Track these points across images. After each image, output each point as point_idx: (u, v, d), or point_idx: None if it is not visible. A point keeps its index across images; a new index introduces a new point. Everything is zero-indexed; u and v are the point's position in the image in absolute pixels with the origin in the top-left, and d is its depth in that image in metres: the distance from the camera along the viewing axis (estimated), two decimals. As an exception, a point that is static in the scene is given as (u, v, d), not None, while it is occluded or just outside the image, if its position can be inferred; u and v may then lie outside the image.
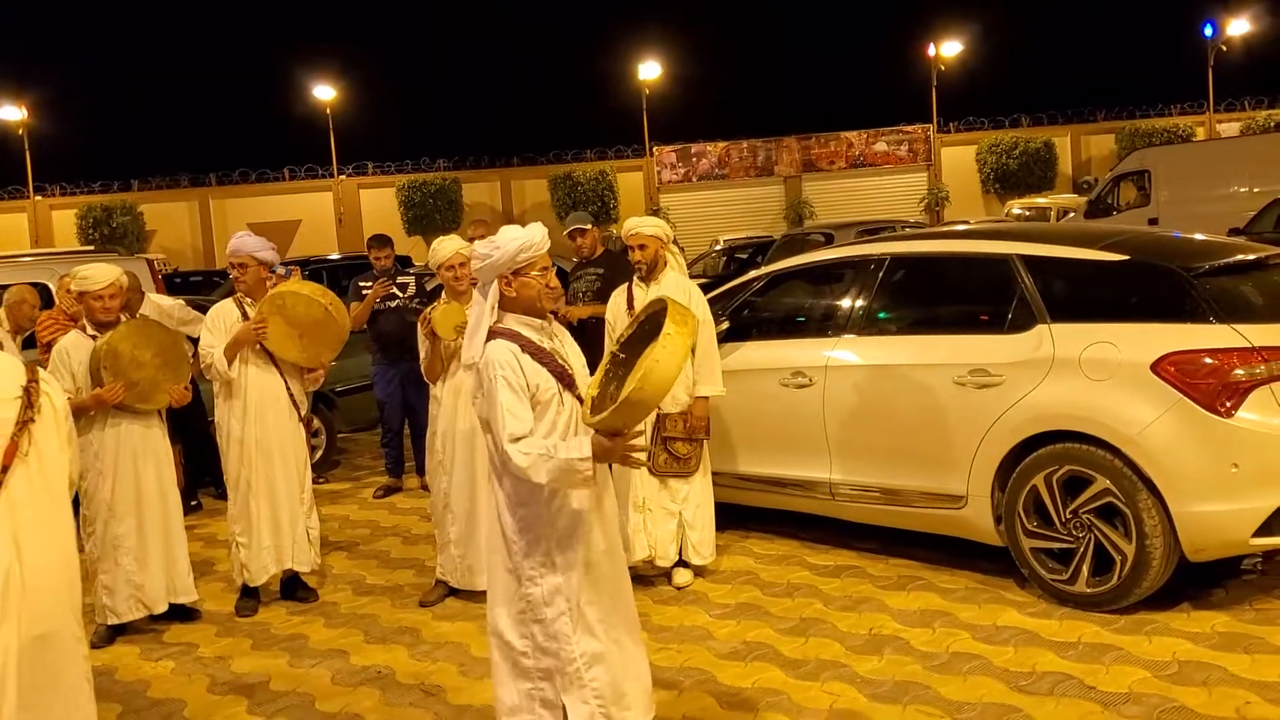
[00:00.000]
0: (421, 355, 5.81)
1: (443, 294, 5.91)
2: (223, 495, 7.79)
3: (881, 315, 6.09)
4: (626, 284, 6.01)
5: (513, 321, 3.54)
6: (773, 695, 4.36)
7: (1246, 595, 4.97)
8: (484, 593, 5.65)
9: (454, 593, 5.80)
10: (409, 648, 5.18)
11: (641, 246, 5.87)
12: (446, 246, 5.85)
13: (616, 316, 5.94)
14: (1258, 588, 5.06)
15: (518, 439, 3.32)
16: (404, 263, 10.90)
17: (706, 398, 5.79)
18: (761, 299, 6.80)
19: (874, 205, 37.88)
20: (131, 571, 5.50)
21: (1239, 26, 39.80)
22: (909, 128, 40.73)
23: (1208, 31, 39.61)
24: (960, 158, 40.32)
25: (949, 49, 40.98)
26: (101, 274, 5.50)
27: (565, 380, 3.53)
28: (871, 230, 16.86)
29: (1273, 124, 36.24)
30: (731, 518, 6.32)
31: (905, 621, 5.02)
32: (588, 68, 47.19)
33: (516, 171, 41.21)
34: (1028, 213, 27.29)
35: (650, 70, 40.53)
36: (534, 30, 54.79)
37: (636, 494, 5.74)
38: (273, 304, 5.65)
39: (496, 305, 3.53)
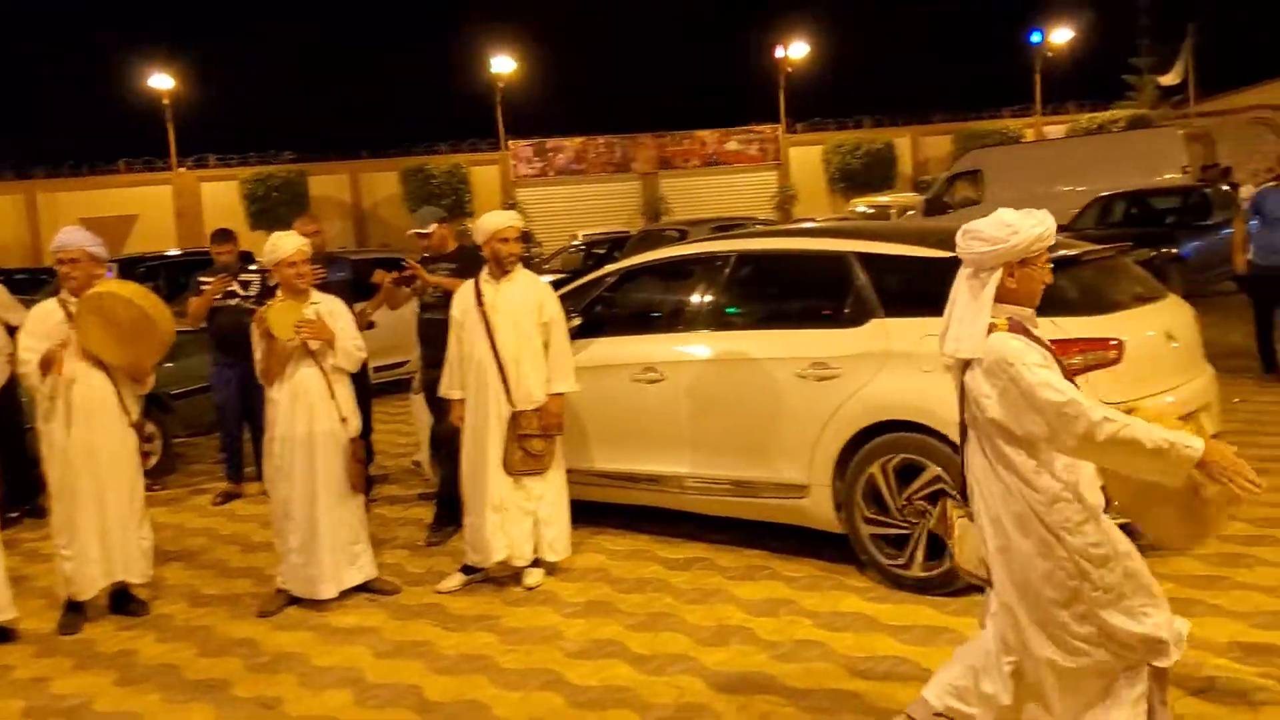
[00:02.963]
0: (256, 356, 5.62)
1: (279, 291, 5.72)
2: (36, 512, 7.42)
3: (729, 310, 6.18)
4: (474, 280, 5.93)
5: (1006, 314, 3.21)
6: (620, 692, 4.38)
7: (1068, 575, 5.22)
8: (326, 601, 5.58)
9: (295, 602, 5.63)
10: (246, 660, 5.01)
11: (516, 240, 5.82)
12: (288, 242, 5.66)
13: (464, 313, 5.85)
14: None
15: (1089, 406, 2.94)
16: (248, 259, 10.57)
17: (561, 394, 5.78)
18: (613, 295, 6.82)
19: (728, 202, 38.52)
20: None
21: (1063, 34, 41.90)
22: (759, 127, 41.59)
23: (1035, 38, 41.53)
24: (807, 157, 41.37)
25: (796, 51, 41.94)
26: None
27: (1064, 373, 3.18)
28: (725, 227, 17.12)
29: (1094, 127, 38.30)
30: (584, 515, 6.32)
31: (752, 611, 5.10)
32: (441, 59, 46.61)
33: (366, 164, 40.36)
34: (871, 210, 28.18)
35: (504, 64, 40.21)
36: (385, 19, 53.77)
37: (493, 495, 5.68)
38: (89, 304, 5.38)
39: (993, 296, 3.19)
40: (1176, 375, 5.32)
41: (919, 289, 5.50)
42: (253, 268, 8.20)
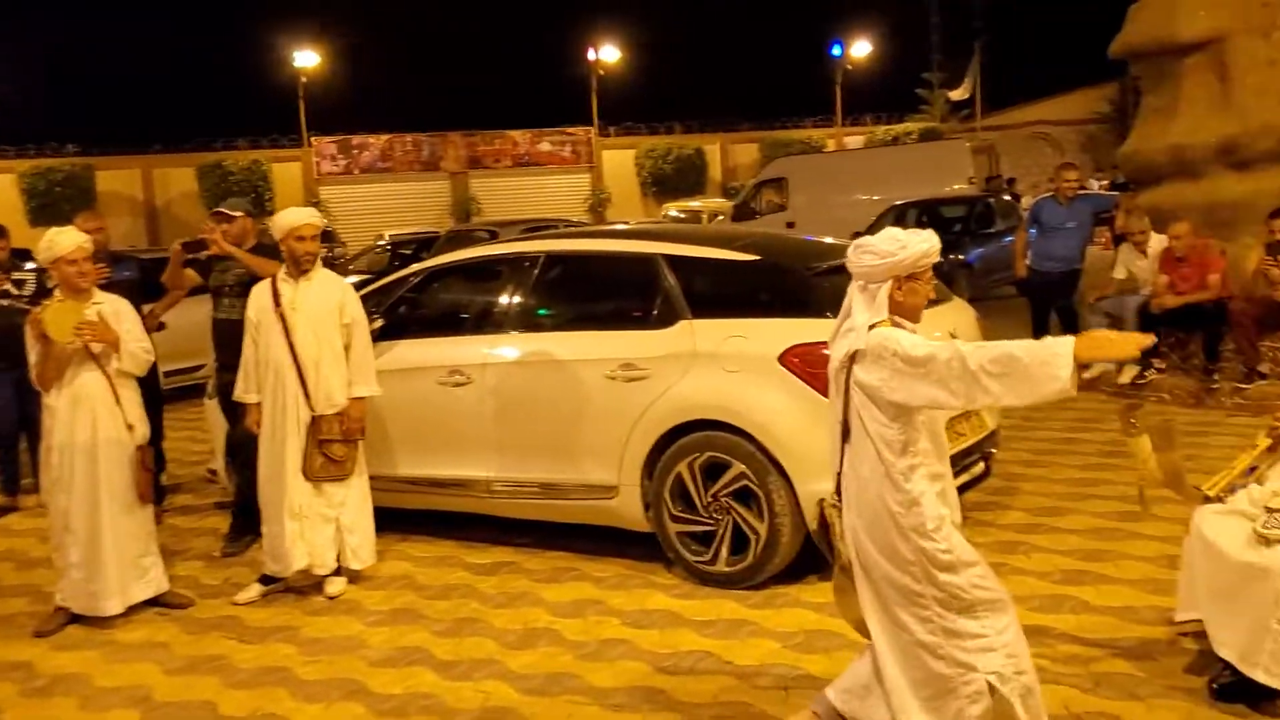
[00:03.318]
0: (32, 360, 5.27)
1: (56, 292, 5.38)
2: None
3: (538, 312, 6.18)
4: (271, 279, 5.72)
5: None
6: (424, 699, 4.31)
7: (863, 566, 5.44)
8: (112, 617, 5.27)
9: (77, 620, 5.30)
10: (20, 685, 4.69)
11: (314, 238, 5.64)
12: (67, 239, 5.31)
13: (260, 314, 5.64)
14: (872, 558, 5.54)
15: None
16: (24, 256, 9.90)
17: (363, 398, 5.65)
18: (418, 296, 6.70)
19: (540, 204, 38.50)
20: None
21: (862, 48, 43.77)
22: (571, 129, 41.74)
23: (835, 52, 43.21)
24: (620, 161, 41.77)
25: (609, 54, 42.29)
26: None
27: None
28: (537, 228, 17.06)
29: (890, 138, 40.17)
30: (389, 522, 6.19)
31: (559, 613, 5.11)
32: (241, 51, 44.75)
33: (159, 159, 38.37)
34: (683, 215, 28.66)
35: (308, 58, 38.95)
36: (183, 6, 51.28)
37: (292, 501, 5.49)
38: None
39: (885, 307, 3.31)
40: (960, 374, 5.60)
41: (725, 291, 5.66)
42: (29, 266, 7.69)
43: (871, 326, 3.27)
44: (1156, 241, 8.99)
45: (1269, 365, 8.29)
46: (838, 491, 3.48)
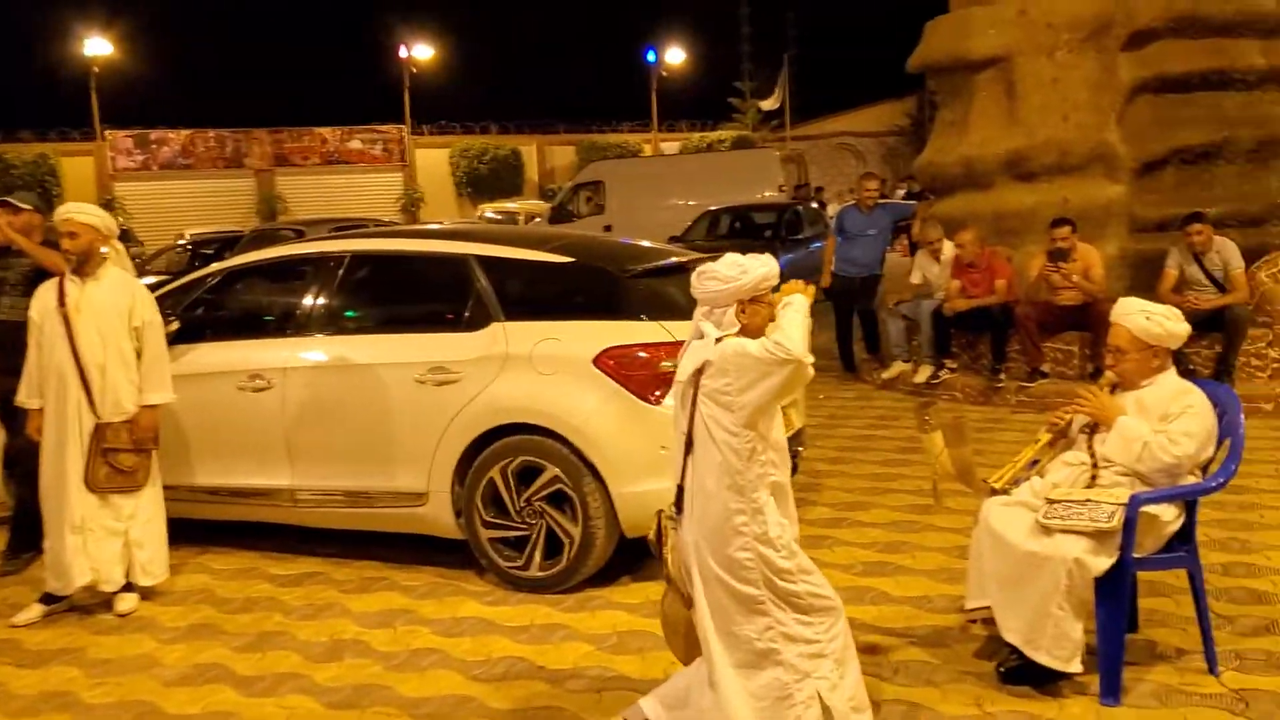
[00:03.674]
0: None
1: None
2: None
3: (345, 314, 6.00)
4: (59, 278, 5.36)
5: None
6: (224, 717, 4.12)
7: (675, 565, 5.51)
8: None
9: None
10: None
11: (73, 235, 5.25)
12: None
13: (43, 315, 5.27)
14: (684, 557, 5.62)
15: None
16: None
17: (154, 406, 5.35)
18: (217, 297, 6.41)
19: (351, 203, 37.57)
20: None
21: (676, 55, 44.55)
22: (383, 127, 40.90)
23: (650, 58, 43.83)
24: (434, 160, 41.18)
25: (421, 52, 41.62)
26: None
27: None
28: (346, 227, 16.59)
29: (704, 145, 41.02)
30: (187, 533, 5.89)
31: (367, 624, 4.97)
32: (24, 36, 41.94)
33: (-69, 151, 35.58)
34: (499, 216, 28.52)
35: (100, 46, 36.79)
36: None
37: (74, 514, 5.15)
38: None
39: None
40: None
41: (539, 293, 5.63)
42: None
43: (718, 340, 3.38)
44: (949, 249, 9.47)
45: (1050, 365, 8.89)
46: (677, 505, 3.51)
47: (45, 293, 5.32)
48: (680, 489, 3.51)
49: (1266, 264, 8.65)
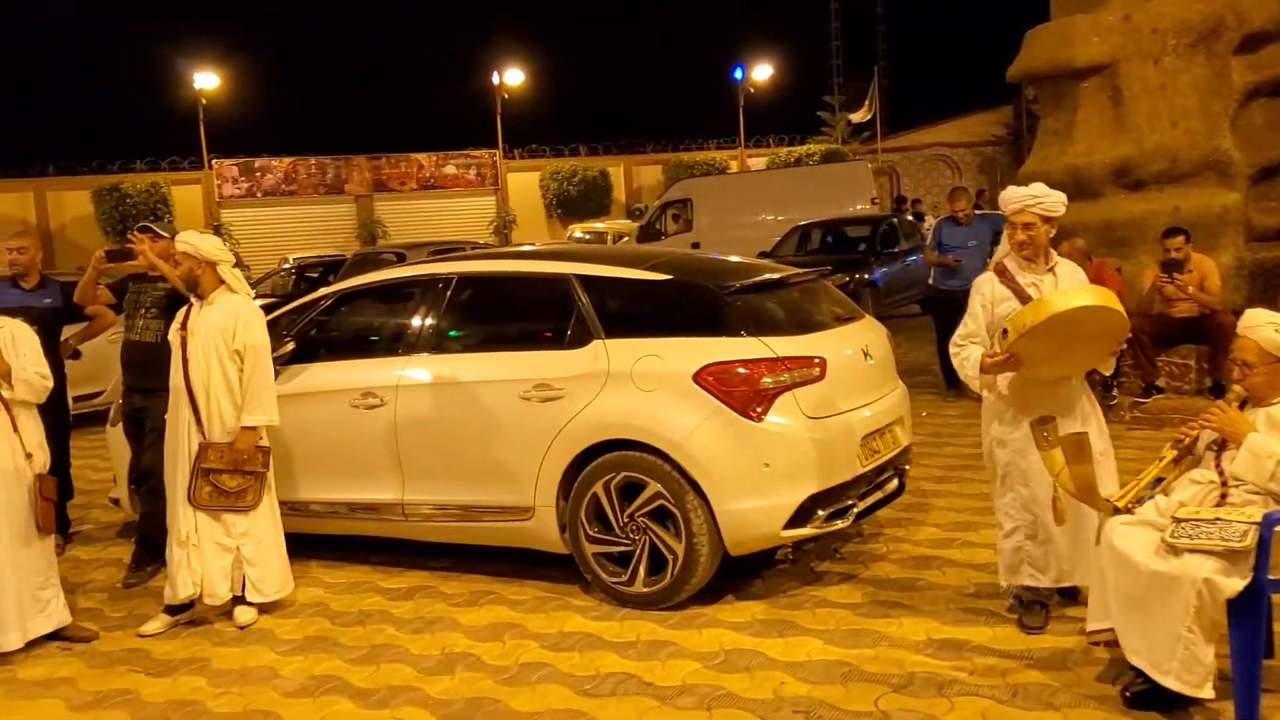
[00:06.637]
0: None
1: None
2: None
3: (451, 334, 6.10)
4: (187, 304, 5.59)
5: None
6: (342, 728, 4.21)
7: (780, 584, 5.48)
8: (12, 653, 5.02)
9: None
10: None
11: (176, 263, 5.54)
12: None
13: (173, 337, 5.51)
14: (789, 576, 5.58)
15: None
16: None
17: (254, 428, 5.44)
18: (329, 318, 6.57)
19: (446, 226, 38.17)
20: None
21: (764, 71, 44.42)
22: (476, 152, 41.51)
23: (738, 75, 43.78)
24: (525, 183, 41.64)
25: (513, 78, 42.21)
26: None
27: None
28: (443, 250, 16.89)
29: (793, 160, 40.80)
30: (301, 547, 6.04)
31: (476, 637, 5.03)
32: (139, 72, 43.63)
33: (53, 182, 37.09)
34: (588, 236, 28.69)
35: (208, 80, 38.07)
36: (75, 27, 49.80)
37: (181, 528, 5.34)
38: None
39: None
40: (873, 390, 5.68)
41: (639, 311, 5.64)
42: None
43: None
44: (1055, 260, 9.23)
45: (1165, 380, 8.62)
46: None
47: (179, 316, 5.54)
48: None
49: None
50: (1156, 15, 9.59)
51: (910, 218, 19.43)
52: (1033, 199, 4.69)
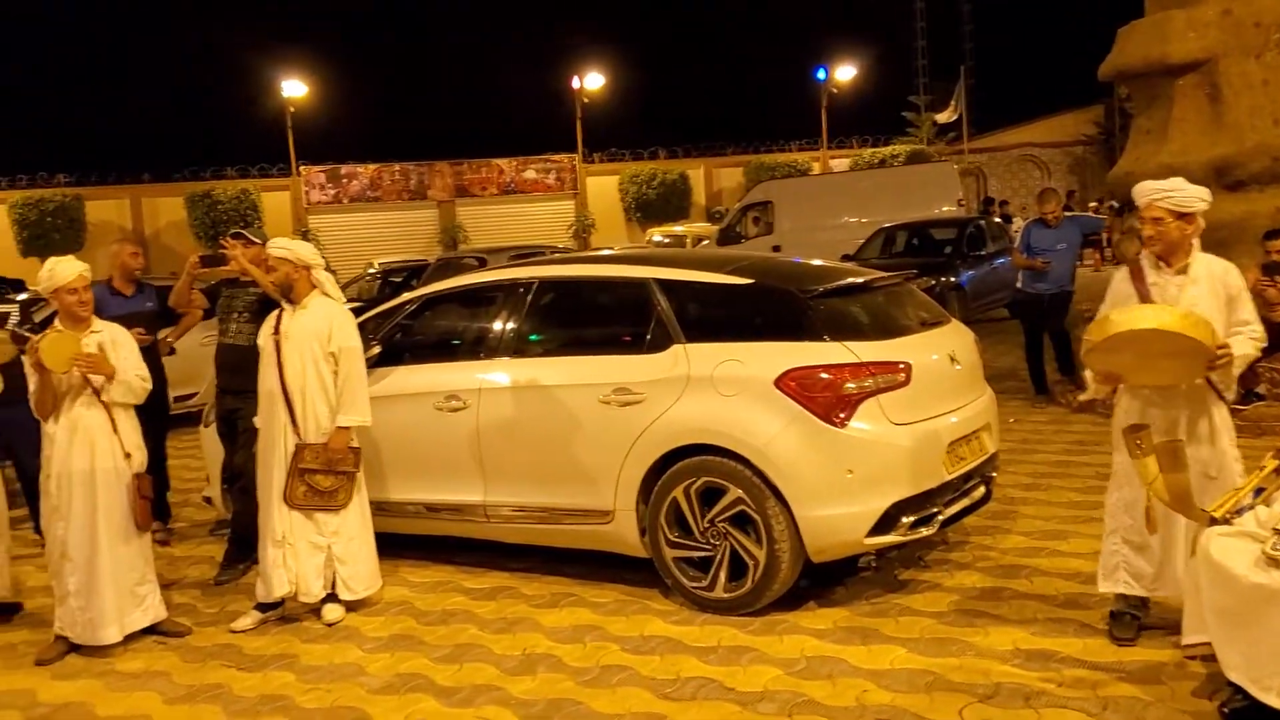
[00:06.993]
0: (31, 389, 5.23)
1: (56, 321, 5.36)
2: None
3: (532, 337, 6.15)
4: (278, 309, 5.73)
5: None
6: (426, 727, 4.27)
7: (863, 591, 5.42)
8: (111, 646, 5.20)
9: (76, 649, 5.25)
10: (24, 712, 4.65)
11: (271, 268, 5.66)
12: (67, 268, 5.31)
13: (264, 340, 5.65)
14: (872, 583, 5.52)
15: None
16: (17, 287, 9.83)
17: (347, 429, 5.58)
18: (414, 322, 6.68)
19: (526, 230, 38.55)
20: None
21: (846, 72, 44.00)
22: (556, 157, 41.84)
23: (820, 76, 43.44)
24: (604, 187, 41.83)
25: (592, 82, 42.43)
26: None
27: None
28: (524, 254, 17.05)
29: (877, 161, 40.35)
30: (385, 547, 6.14)
31: (558, 639, 5.07)
32: (229, 81, 44.84)
33: (148, 189, 38.35)
34: (667, 240, 28.68)
35: (295, 88, 38.99)
36: (166, 38, 51.34)
37: (276, 528, 5.47)
38: None
39: None
40: (960, 396, 5.59)
41: (719, 315, 5.62)
42: (21, 296, 7.65)
43: None
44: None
45: (1266, 386, 8.33)
46: None
47: (269, 321, 5.69)
48: None
49: None
50: (1259, 9, 9.29)
51: (998, 219, 19.07)
52: (1161, 192, 4.46)
